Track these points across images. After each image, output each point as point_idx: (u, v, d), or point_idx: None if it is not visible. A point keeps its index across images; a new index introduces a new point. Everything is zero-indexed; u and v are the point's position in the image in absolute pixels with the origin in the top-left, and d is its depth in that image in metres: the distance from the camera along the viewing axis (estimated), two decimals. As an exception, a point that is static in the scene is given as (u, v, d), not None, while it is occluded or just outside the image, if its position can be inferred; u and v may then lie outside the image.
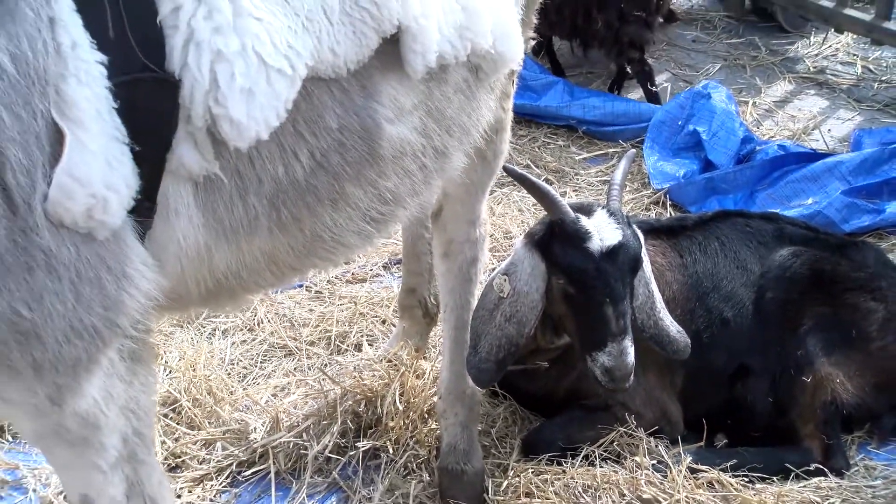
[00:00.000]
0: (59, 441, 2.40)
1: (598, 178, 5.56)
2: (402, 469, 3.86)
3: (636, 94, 6.40)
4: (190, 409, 4.12)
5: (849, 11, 6.53)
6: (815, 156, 5.41)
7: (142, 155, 2.18)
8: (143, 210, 2.26)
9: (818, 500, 3.63)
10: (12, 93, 1.99)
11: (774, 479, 3.72)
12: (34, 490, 3.86)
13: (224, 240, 2.46)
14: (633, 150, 5.20)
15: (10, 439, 4.07)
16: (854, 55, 6.63)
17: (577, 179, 5.54)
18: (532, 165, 5.54)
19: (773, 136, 5.83)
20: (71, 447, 2.41)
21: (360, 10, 2.44)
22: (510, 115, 3.43)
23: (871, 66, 6.51)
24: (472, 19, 2.70)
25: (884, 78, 6.38)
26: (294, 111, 2.38)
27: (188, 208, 2.36)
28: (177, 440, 3.99)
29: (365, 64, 2.51)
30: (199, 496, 3.80)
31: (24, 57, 2.00)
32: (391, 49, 2.55)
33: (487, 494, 3.71)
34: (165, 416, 4.07)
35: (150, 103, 2.19)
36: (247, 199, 2.43)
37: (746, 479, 3.68)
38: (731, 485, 3.64)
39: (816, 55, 6.73)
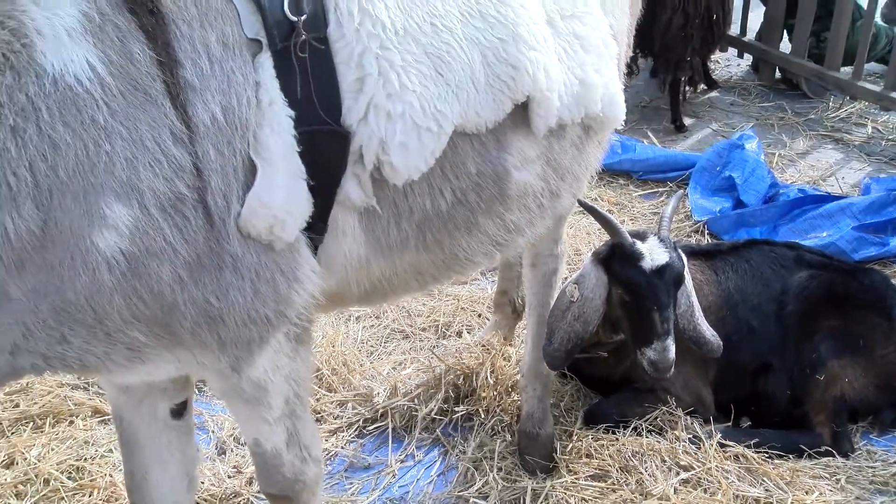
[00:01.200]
0: (238, 398, 2.50)
1: (651, 211, 5.51)
2: (490, 430, 3.84)
3: (680, 146, 6.32)
4: (329, 376, 4.17)
5: (862, 83, 6.37)
6: (829, 198, 5.27)
7: (316, 188, 2.23)
8: (317, 229, 2.32)
9: (826, 476, 3.53)
10: (219, 135, 2.09)
11: (790, 456, 3.61)
12: (213, 431, 3.94)
13: (380, 255, 2.50)
14: (681, 191, 5.22)
15: (197, 391, 4.11)
16: (865, 118, 6.46)
17: (634, 211, 5.50)
18: (598, 199, 5.50)
19: (795, 181, 5.69)
20: (246, 403, 2.50)
21: (500, 83, 2.42)
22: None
23: (879, 128, 6.34)
24: (587, 91, 2.65)
25: (890, 137, 6.22)
26: (441, 158, 2.39)
27: (353, 230, 2.41)
28: (318, 400, 4.03)
29: (500, 123, 2.49)
30: (333, 444, 3.83)
31: (233, 109, 2.11)
32: (521, 111, 2.52)
33: (555, 453, 3.66)
34: (314, 380, 4.10)
35: (324, 150, 2.24)
36: (400, 224, 2.46)
37: (766, 455, 3.58)
38: (754, 459, 3.55)
39: (834, 117, 6.55)
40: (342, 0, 2.20)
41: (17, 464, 3.73)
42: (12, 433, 3.90)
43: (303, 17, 2.12)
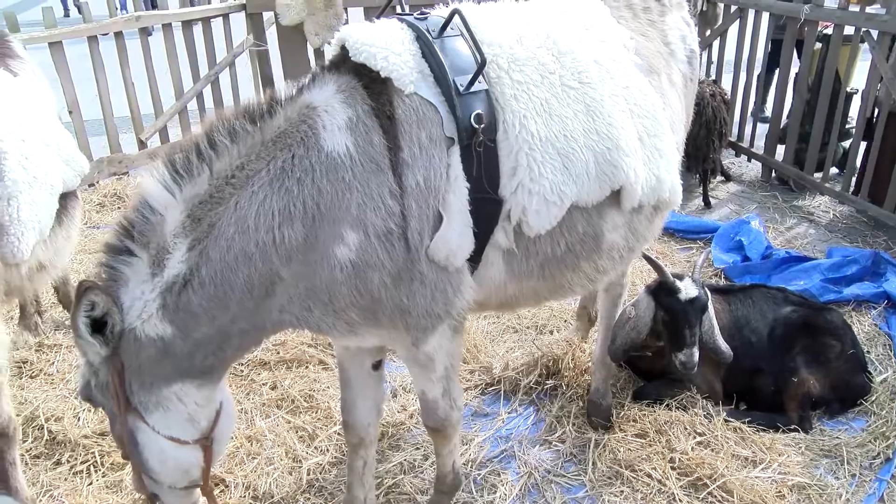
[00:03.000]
0: (415, 363, 2.55)
1: (686, 259, 5.40)
2: (569, 398, 3.82)
3: (707, 217, 6.21)
4: (464, 352, 4.16)
5: (827, 184, 6.24)
6: (805, 259, 5.15)
7: (477, 234, 2.27)
8: (475, 260, 2.34)
9: (793, 444, 3.48)
10: (420, 195, 2.16)
11: (770, 430, 3.57)
12: (388, 381, 3.99)
13: (513, 280, 2.50)
14: (708, 248, 5.13)
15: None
16: (829, 208, 6.27)
17: (674, 259, 5.40)
18: (649, 249, 5.29)
19: (783, 247, 5.54)
20: (420, 367, 2.54)
21: (605, 176, 2.43)
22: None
23: (838, 214, 6.15)
24: (660, 184, 2.64)
25: (844, 221, 6.02)
26: (561, 221, 2.40)
27: (497, 263, 2.42)
28: None
29: (601, 201, 2.49)
30: (464, 398, 3.77)
31: (430, 180, 2.18)
32: (615, 194, 2.52)
33: (612, 417, 3.64)
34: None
35: (485, 210, 2.28)
36: (528, 261, 2.46)
37: (755, 429, 3.55)
38: (747, 431, 3.52)
39: (809, 206, 6.36)
40: (509, 117, 2.26)
41: (277, 388, 3.93)
42: (275, 370, 4.08)
43: (482, 126, 2.19)
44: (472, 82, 2.20)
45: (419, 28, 2.29)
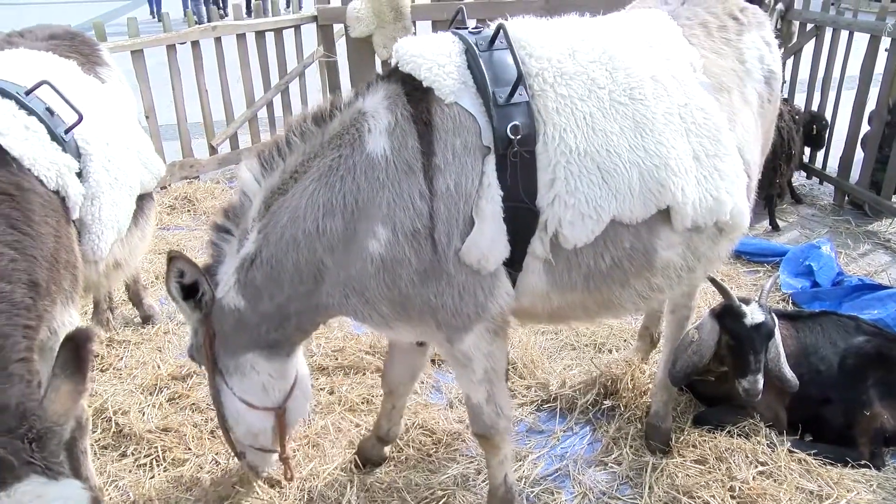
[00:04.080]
0: (454, 361, 2.62)
1: (752, 283, 5.27)
2: (627, 419, 3.77)
3: (775, 241, 6.01)
4: (521, 367, 4.19)
5: (906, 209, 6.06)
6: (880, 287, 4.95)
7: (513, 242, 2.32)
8: (516, 267, 2.40)
9: (863, 481, 3.34)
10: (450, 199, 2.27)
11: (838, 465, 3.44)
12: (445, 393, 4.04)
13: (557, 291, 2.51)
14: (777, 273, 4.99)
15: (437, 367, 4.25)
16: (908, 234, 6.03)
17: (739, 282, 5.27)
18: (713, 272, 5.26)
19: (855, 273, 5.36)
20: (459, 366, 2.61)
21: (649, 192, 2.41)
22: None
23: (917, 241, 5.93)
24: (718, 205, 2.55)
25: (924, 248, 5.82)
26: (602, 235, 2.39)
27: (539, 272, 2.45)
28: (513, 383, 4.05)
29: (650, 218, 2.46)
30: (520, 413, 3.85)
31: (462, 185, 2.27)
32: (664, 212, 2.48)
33: (671, 442, 3.58)
34: (511, 369, 4.12)
35: (520, 218, 2.33)
36: (571, 273, 2.47)
37: (822, 462, 3.43)
38: (813, 463, 3.40)
39: (884, 231, 6.13)
40: (549, 129, 2.31)
41: (334, 392, 4.01)
42: (333, 375, 4.16)
43: (518, 137, 2.24)
44: (511, 94, 2.27)
45: (469, 41, 2.39)
